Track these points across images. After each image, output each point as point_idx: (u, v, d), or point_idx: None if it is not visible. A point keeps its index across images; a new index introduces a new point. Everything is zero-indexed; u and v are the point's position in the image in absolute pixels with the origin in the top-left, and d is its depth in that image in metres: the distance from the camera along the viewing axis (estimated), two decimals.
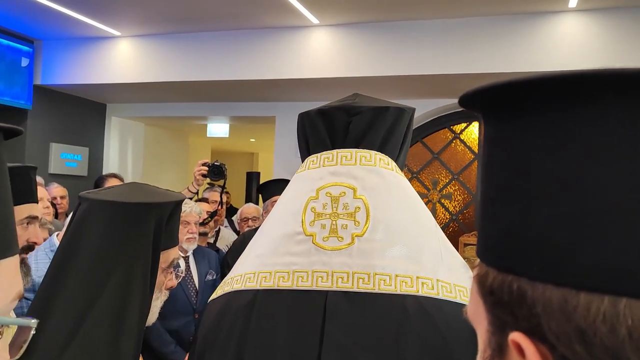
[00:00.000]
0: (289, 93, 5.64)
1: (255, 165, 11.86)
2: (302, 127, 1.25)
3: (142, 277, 1.05)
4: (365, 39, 4.78)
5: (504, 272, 0.39)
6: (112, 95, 6.39)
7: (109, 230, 1.04)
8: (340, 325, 1.00)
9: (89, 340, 1.00)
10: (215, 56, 5.23)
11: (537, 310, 0.36)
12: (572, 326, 0.34)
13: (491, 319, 0.41)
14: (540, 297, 0.36)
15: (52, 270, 1.07)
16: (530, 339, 0.36)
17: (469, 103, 0.43)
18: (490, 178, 0.42)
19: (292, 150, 6.04)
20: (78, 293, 1.02)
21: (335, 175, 1.13)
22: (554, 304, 0.35)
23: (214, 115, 6.74)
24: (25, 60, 5.70)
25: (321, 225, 1.09)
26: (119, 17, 5.04)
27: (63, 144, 6.22)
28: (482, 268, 0.42)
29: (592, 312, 0.34)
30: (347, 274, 1.03)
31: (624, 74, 0.34)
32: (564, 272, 0.35)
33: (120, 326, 1.02)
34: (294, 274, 1.05)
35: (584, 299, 0.34)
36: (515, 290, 0.38)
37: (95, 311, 1.00)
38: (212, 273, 2.87)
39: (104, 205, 1.05)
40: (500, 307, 0.39)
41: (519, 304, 0.37)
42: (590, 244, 0.34)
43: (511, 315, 0.38)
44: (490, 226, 0.41)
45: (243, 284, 1.10)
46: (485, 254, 0.42)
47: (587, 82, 0.35)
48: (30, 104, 5.77)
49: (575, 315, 0.34)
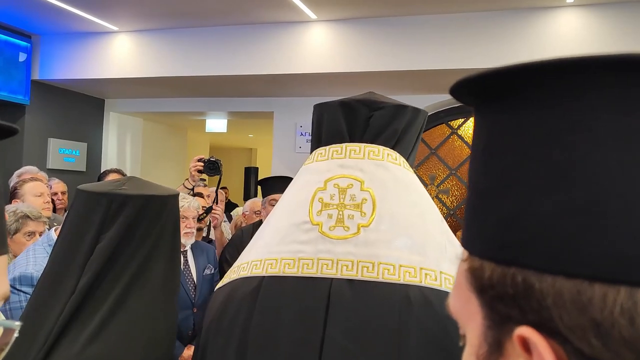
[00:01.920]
0: (287, 88, 5.64)
1: (254, 160, 11.87)
2: (318, 118, 1.24)
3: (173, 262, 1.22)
4: (363, 34, 4.78)
5: (504, 265, 0.38)
6: (111, 90, 6.38)
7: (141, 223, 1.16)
8: (344, 311, 1.02)
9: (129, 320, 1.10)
10: (213, 51, 5.23)
11: (547, 303, 0.35)
12: (587, 319, 0.33)
13: (488, 313, 0.39)
14: (550, 289, 0.35)
15: (101, 262, 1.14)
16: (540, 333, 0.35)
17: (461, 91, 0.42)
18: (488, 168, 0.41)
19: (290, 145, 6.05)
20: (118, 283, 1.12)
21: (344, 167, 1.14)
22: (566, 296, 0.34)
23: (212, 110, 6.74)
24: (23, 55, 5.69)
25: (328, 215, 1.10)
26: (117, 12, 5.04)
27: (61, 139, 6.22)
28: (475, 261, 0.41)
29: (608, 304, 0.33)
30: (352, 262, 1.05)
31: (632, 58, 0.33)
32: (576, 262, 0.34)
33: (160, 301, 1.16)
34: (300, 261, 1.07)
35: (599, 291, 0.33)
36: (520, 282, 0.36)
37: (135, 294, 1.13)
38: (210, 267, 2.88)
39: (138, 200, 1.16)
40: (502, 301, 0.38)
41: (526, 297, 0.36)
42: (603, 232, 0.33)
43: (517, 309, 0.36)
44: (489, 217, 0.40)
45: (249, 271, 1.12)
46: (480, 246, 0.41)
47: (593, 67, 0.34)
48: (28, 99, 5.77)
49: (590, 308, 0.33)
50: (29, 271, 2.09)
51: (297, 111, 5.88)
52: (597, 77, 0.34)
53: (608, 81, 0.34)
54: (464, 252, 0.43)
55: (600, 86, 0.34)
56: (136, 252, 1.15)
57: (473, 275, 0.41)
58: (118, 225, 1.14)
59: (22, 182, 3.24)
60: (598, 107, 0.34)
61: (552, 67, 0.35)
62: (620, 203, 0.33)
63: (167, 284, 1.20)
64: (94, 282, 1.12)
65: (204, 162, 3.09)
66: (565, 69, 0.35)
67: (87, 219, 1.16)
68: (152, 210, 1.18)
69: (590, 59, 0.34)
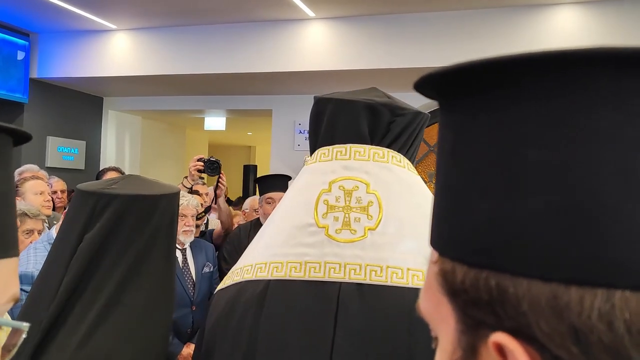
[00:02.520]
0: (285, 86, 5.64)
1: (253, 158, 11.87)
2: (329, 114, 1.19)
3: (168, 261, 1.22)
4: (361, 32, 4.78)
5: (477, 268, 0.36)
6: (109, 88, 6.38)
7: (141, 223, 1.15)
8: (354, 315, 1.00)
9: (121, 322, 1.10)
10: (211, 49, 5.22)
11: (523, 308, 0.33)
12: (565, 325, 0.32)
13: (461, 317, 0.38)
14: (526, 294, 0.33)
15: (82, 261, 1.13)
16: (516, 339, 0.34)
17: (426, 87, 0.40)
18: (459, 168, 0.39)
19: (289, 143, 6.05)
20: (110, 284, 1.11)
21: (348, 169, 1.13)
22: (542, 301, 0.33)
23: (211, 108, 6.74)
24: (21, 53, 5.69)
25: (334, 217, 1.08)
26: (115, 10, 5.03)
27: (60, 137, 6.21)
28: (446, 263, 0.39)
29: (585, 309, 0.31)
30: (360, 266, 1.03)
31: (618, 52, 0.31)
32: (552, 266, 0.33)
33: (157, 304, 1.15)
34: (306, 265, 1.05)
35: (576, 294, 0.32)
36: (494, 287, 0.35)
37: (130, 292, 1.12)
38: (209, 265, 2.89)
39: (138, 199, 1.15)
40: (476, 305, 0.36)
41: (502, 303, 0.34)
42: (578, 234, 0.32)
43: (493, 315, 0.35)
44: (460, 219, 0.38)
45: (254, 274, 1.10)
46: (451, 248, 0.39)
47: (577, 62, 0.32)
48: (26, 98, 5.76)
49: (567, 313, 0.32)
50: (29, 270, 2.10)
51: (296, 109, 5.89)
52: (578, 72, 0.33)
53: (590, 77, 0.33)
54: (434, 253, 0.41)
55: (581, 82, 0.33)
56: (125, 252, 1.12)
57: (444, 278, 0.39)
58: (100, 225, 1.12)
59: (22, 180, 3.24)
60: (575, 105, 0.33)
61: (526, 63, 0.33)
62: (596, 204, 0.32)
63: (162, 285, 1.19)
64: (78, 282, 1.10)
65: (204, 161, 3.10)
66: (541, 65, 0.33)
67: (75, 218, 1.16)
68: (140, 210, 1.15)
69: (575, 53, 0.32)
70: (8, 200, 0.55)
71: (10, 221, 0.55)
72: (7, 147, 0.54)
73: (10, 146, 0.55)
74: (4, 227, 0.54)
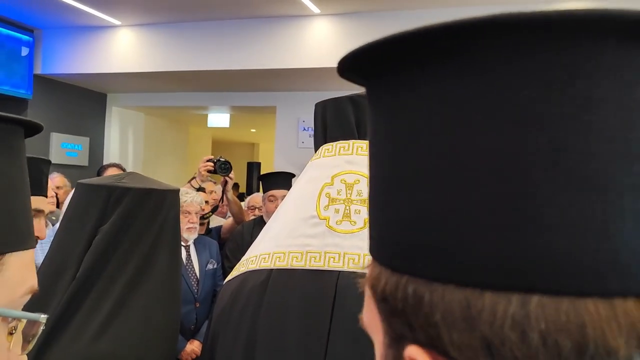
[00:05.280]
0: (289, 82, 5.63)
1: (256, 155, 11.87)
2: (322, 114, 1.26)
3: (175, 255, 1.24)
4: (367, 28, 4.76)
5: (399, 273, 0.32)
6: (113, 84, 6.38)
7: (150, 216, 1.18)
8: (350, 301, 1.03)
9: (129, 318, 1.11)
10: (215, 45, 5.21)
11: (435, 318, 0.29)
12: (477, 336, 0.28)
13: (387, 329, 0.34)
14: (440, 301, 0.29)
15: (95, 254, 1.14)
16: (429, 353, 0.30)
17: (349, 68, 0.35)
18: (377, 161, 0.35)
19: (292, 140, 6.04)
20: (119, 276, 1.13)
21: (351, 164, 1.16)
22: (456, 309, 0.29)
23: (215, 104, 6.73)
24: (25, 49, 5.69)
25: (335, 209, 1.12)
26: (119, 6, 5.02)
27: (64, 133, 6.22)
28: (376, 268, 0.35)
29: (498, 317, 0.27)
30: (359, 256, 1.06)
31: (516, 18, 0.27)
32: (466, 269, 0.29)
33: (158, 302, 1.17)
34: (307, 255, 1.09)
35: (489, 301, 0.28)
36: (410, 294, 0.31)
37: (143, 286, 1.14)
38: (213, 262, 2.89)
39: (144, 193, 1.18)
40: (394, 315, 0.32)
41: (415, 312, 0.30)
42: (491, 231, 0.28)
43: (407, 326, 0.31)
44: (382, 218, 0.34)
45: (258, 264, 1.14)
46: (376, 251, 0.35)
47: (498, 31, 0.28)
48: (30, 94, 5.77)
49: (479, 322, 0.28)
50: (38, 261, 2.10)
51: (300, 106, 5.87)
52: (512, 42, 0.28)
53: (466, 48, 0.29)
54: (370, 258, 0.37)
55: (462, 56, 0.29)
56: (136, 245, 1.15)
57: (372, 284, 0.35)
58: (115, 217, 1.15)
59: None
60: (454, 88, 0.29)
61: (442, 31, 0.29)
62: (507, 199, 0.28)
63: (170, 279, 1.21)
64: (91, 275, 1.12)
65: (215, 162, 3.12)
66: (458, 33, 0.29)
67: (86, 211, 1.17)
68: (151, 203, 1.18)
69: (493, 20, 0.28)
70: (22, 191, 0.55)
71: (25, 212, 0.56)
72: (19, 138, 0.56)
73: (22, 137, 0.56)
74: (19, 219, 0.54)
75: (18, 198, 0.54)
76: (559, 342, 0.26)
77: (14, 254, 0.53)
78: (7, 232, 0.53)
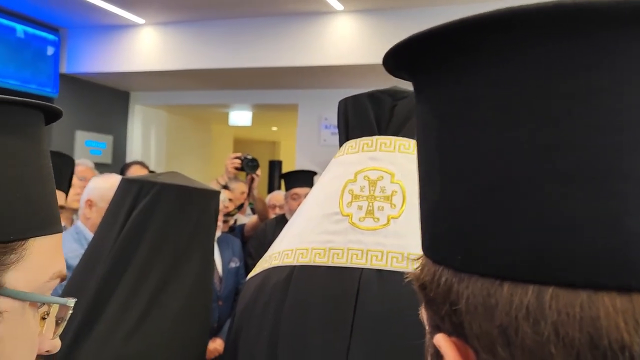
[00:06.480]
0: (311, 80, 5.61)
1: (277, 154, 11.89)
2: (344, 112, 1.27)
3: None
4: (389, 25, 4.71)
5: (437, 264, 0.34)
6: (135, 83, 6.44)
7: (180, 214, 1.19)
8: (374, 298, 1.04)
9: (164, 315, 1.12)
10: (237, 43, 5.22)
11: (459, 307, 0.31)
12: (495, 325, 0.29)
13: (428, 319, 0.36)
14: (464, 291, 0.31)
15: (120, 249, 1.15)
16: (454, 341, 0.31)
17: (395, 63, 0.36)
18: (417, 151, 0.37)
19: (314, 138, 6.01)
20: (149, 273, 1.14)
21: (374, 160, 1.16)
22: (478, 298, 0.30)
23: (236, 102, 6.75)
24: (51, 48, 5.77)
25: (358, 206, 1.11)
26: (143, 5, 5.06)
27: (88, 131, 6.30)
28: (422, 259, 0.37)
29: (514, 306, 0.28)
30: (382, 253, 1.07)
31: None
32: (486, 260, 0.30)
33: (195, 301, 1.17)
34: (330, 251, 1.09)
35: (507, 291, 0.29)
36: (442, 283, 0.32)
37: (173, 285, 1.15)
38: (236, 260, 2.89)
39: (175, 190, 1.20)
40: (428, 303, 0.34)
41: (443, 300, 0.32)
42: (511, 223, 0.29)
43: (437, 314, 0.33)
44: (422, 208, 0.36)
45: (281, 260, 1.15)
46: (422, 242, 0.37)
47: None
48: (56, 92, 5.86)
49: (497, 312, 0.29)
50: None
51: (322, 103, 5.85)
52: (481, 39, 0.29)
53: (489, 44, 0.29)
54: None
55: (482, 54, 0.29)
56: (165, 240, 1.16)
57: (417, 273, 0.36)
58: (142, 207, 1.16)
59: None
60: (477, 84, 0.29)
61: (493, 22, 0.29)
62: (522, 191, 0.28)
63: (202, 279, 1.21)
64: (120, 265, 1.13)
65: (242, 159, 3.13)
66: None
67: (121, 202, 1.20)
68: (185, 202, 1.19)
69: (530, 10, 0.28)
70: (45, 175, 0.55)
71: (49, 197, 0.56)
72: (40, 123, 0.56)
73: (43, 122, 0.56)
74: (40, 204, 0.54)
75: (38, 183, 0.54)
76: (571, 334, 0.26)
77: (37, 239, 0.53)
78: (28, 217, 0.52)
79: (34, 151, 0.54)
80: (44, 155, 0.55)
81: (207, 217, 1.23)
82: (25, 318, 0.52)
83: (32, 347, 0.55)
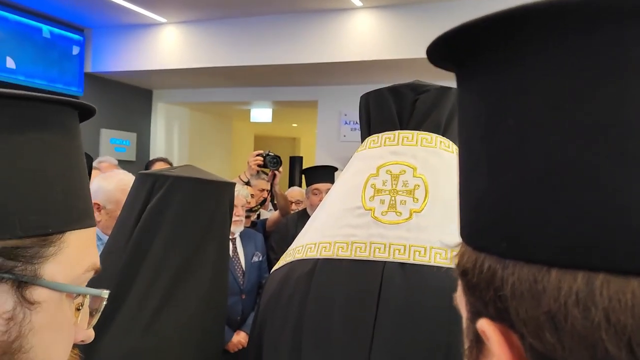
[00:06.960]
0: (331, 76, 5.63)
1: (297, 150, 11.92)
2: (366, 106, 1.26)
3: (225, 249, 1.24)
4: (408, 21, 4.70)
5: (477, 251, 0.34)
6: (158, 81, 6.53)
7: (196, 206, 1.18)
8: (397, 291, 1.03)
9: (179, 310, 1.11)
10: (258, 41, 5.26)
11: (504, 292, 0.31)
12: (542, 311, 0.29)
13: (468, 305, 0.36)
14: (510, 277, 0.31)
15: (136, 244, 1.15)
16: (497, 326, 0.31)
17: (441, 53, 0.36)
18: (460, 142, 0.37)
19: (334, 134, 6.04)
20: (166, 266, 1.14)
21: (396, 154, 1.15)
22: (524, 284, 0.30)
23: (257, 99, 6.80)
24: (76, 48, 5.89)
25: (380, 200, 1.11)
26: (165, 4, 5.13)
27: (112, 129, 6.41)
28: (462, 247, 0.37)
29: (563, 292, 0.28)
30: (404, 247, 1.06)
31: None
32: (533, 246, 0.30)
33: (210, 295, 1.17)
34: (353, 245, 1.09)
35: (555, 278, 0.28)
36: (485, 270, 0.32)
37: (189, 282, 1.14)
38: (258, 255, 2.93)
39: (190, 182, 1.19)
40: (470, 289, 0.34)
41: (487, 286, 0.32)
42: (560, 209, 0.28)
43: (480, 300, 0.33)
44: (463, 198, 0.36)
45: (304, 254, 1.15)
46: (462, 230, 0.37)
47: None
48: (81, 91, 5.97)
49: (544, 297, 0.29)
50: None
51: (342, 99, 5.86)
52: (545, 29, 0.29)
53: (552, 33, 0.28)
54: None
55: (543, 41, 0.29)
56: (187, 234, 1.15)
57: (457, 261, 0.37)
58: (156, 200, 1.16)
59: None
60: (530, 67, 0.29)
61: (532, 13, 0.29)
62: (570, 176, 0.28)
63: (218, 271, 1.21)
64: (138, 255, 1.13)
65: (264, 156, 3.18)
66: None
67: (137, 196, 1.20)
68: (199, 194, 1.18)
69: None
70: (80, 170, 0.57)
71: (82, 192, 0.57)
72: (75, 120, 0.57)
73: (77, 119, 0.58)
74: (77, 198, 0.55)
75: (75, 177, 0.55)
76: (623, 320, 0.26)
77: (73, 232, 0.54)
78: (66, 211, 0.54)
79: (71, 147, 0.55)
80: (80, 152, 0.57)
81: (221, 209, 1.22)
82: (62, 308, 0.54)
83: (69, 336, 0.56)
